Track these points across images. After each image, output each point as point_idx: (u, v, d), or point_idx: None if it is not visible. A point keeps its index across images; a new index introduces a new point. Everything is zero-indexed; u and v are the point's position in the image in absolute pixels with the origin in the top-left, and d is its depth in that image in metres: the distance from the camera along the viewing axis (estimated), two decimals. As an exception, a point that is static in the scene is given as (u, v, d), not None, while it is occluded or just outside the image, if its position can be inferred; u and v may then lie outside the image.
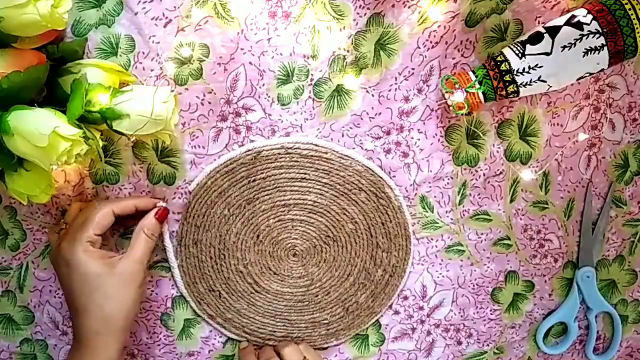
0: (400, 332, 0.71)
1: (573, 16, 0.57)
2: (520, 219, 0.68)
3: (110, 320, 0.57)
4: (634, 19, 0.55)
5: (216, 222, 0.64)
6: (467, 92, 0.58)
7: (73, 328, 0.58)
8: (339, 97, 0.62)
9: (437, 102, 0.63)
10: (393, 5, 0.59)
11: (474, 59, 0.62)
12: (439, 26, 0.60)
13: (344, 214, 0.65)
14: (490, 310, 0.72)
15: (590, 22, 0.56)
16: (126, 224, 0.63)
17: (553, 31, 0.57)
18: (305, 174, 0.64)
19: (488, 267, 0.70)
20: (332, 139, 0.63)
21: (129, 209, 0.60)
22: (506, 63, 0.58)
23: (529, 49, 0.57)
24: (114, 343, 0.57)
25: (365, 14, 0.59)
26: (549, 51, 0.56)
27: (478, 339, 0.73)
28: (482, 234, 0.68)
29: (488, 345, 0.73)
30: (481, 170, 0.66)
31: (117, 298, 0.57)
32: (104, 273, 0.56)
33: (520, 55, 0.57)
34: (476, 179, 0.66)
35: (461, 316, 0.71)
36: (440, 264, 0.69)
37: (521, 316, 0.73)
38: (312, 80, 0.61)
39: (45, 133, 0.48)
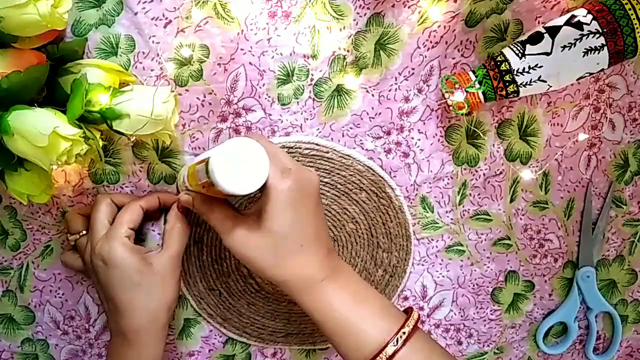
0: (401, 332, 0.71)
1: (573, 16, 0.57)
2: (520, 219, 0.68)
3: (154, 317, 0.57)
4: (634, 19, 0.55)
5: (216, 222, 0.64)
6: (467, 92, 0.58)
7: (112, 325, 0.59)
8: (339, 97, 0.62)
9: (437, 102, 0.63)
10: (393, 5, 0.59)
11: (474, 59, 0.62)
12: (439, 26, 0.60)
13: (345, 213, 0.65)
14: (491, 311, 0.72)
15: (590, 22, 0.56)
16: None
17: (553, 31, 0.57)
18: (305, 173, 0.64)
19: (488, 267, 0.70)
20: (332, 138, 0.63)
21: (154, 203, 0.60)
22: (506, 63, 0.58)
23: (529, 49, 0.57)
24: (158, 339, 0.58)
25: (365, 14, 0.59)
26: (549, 51, 0.56)
27: (478, 339, 0.73)
28: (482, 234, 0.68)
29: (488, 345, 0.73)
30: (481, 170, 0.66)
31: (159, 295, 0.57)
32: (144, 270, 0.56)
33: (520, 55, 0.57)
34: (476, 179, 0.66)
35: (461, 316, 0.71)
36: (440, 264, 0.69)
37: (521, 316, 0.73)
38: (312, 80, 0.61)
39: (45, 133, 0.48)
